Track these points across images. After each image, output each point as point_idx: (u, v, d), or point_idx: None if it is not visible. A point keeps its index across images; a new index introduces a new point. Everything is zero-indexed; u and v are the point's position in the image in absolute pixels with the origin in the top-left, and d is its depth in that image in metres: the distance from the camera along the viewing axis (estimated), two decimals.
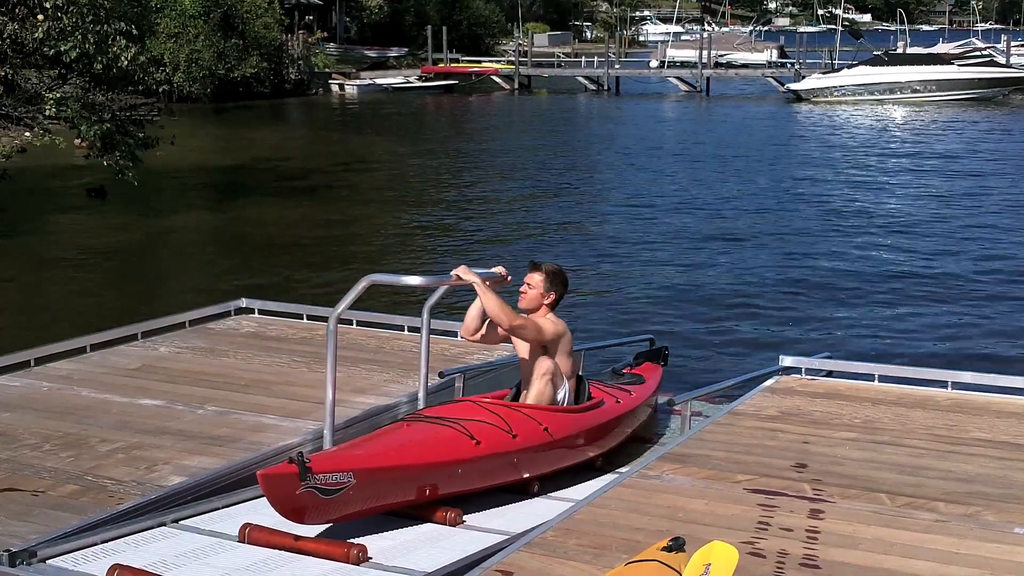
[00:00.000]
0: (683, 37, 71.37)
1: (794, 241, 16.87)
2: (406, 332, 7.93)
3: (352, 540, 4.76)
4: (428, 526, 5.11)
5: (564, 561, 4.34)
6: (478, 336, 6.01)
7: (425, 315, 6.28)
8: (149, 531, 4.84)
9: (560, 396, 5.88)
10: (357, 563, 4.59)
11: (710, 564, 3.79)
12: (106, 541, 4.68)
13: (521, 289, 5.99)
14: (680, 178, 24.15)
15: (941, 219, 18.96)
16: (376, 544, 4.79)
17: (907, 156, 28.60)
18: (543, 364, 5.81)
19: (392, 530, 5.01)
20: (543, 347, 5.87)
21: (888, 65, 45.56)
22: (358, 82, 50.70)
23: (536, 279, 5.96)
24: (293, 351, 7.49)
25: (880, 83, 44.77)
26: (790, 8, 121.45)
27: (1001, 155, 28.50)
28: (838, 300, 13.21)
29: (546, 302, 5.94)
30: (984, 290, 13.75)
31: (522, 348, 5.99)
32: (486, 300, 5.74)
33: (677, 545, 4.00)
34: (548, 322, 5.88)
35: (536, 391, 5.81)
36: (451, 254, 15.65)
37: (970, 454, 5.62)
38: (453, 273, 5.83)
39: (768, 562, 4.32)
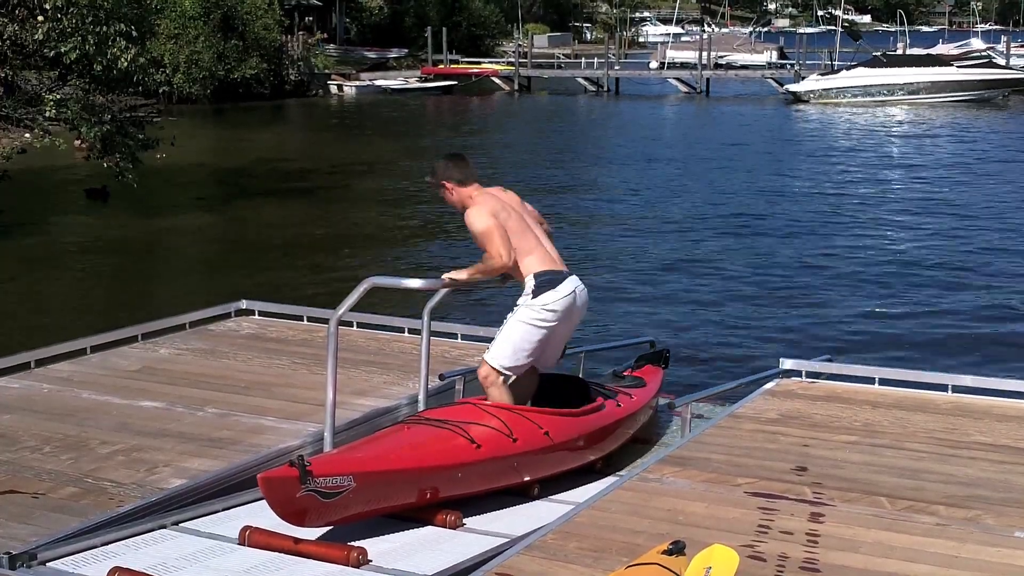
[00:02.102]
0: (683, 38, 71.37)
1: (794, 243, 16.87)
2: (406, 334, 7.93)
3: (352, 543, 4.76)
4: (428, 529, 5.11)
5: (564, 564, 4.34)
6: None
7: (426, 317, 6.29)
8: (149, 533, 4.84)
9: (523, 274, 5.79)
10: (357, 566, 4.59)
11: (710, 567, 3.80)
12: (106, 543, 4.68)
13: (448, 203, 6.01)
14: (680, 179, 24.15)
15: (941, 221, 18.96)
16: (376, 547, 4.79)
17: (907, 157, 28.61)
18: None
19: (392, 533, 5.01)
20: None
21: (887, 66, 45.55)
22: (357, 83, 50.68)
23: (440, 190, 5.97)
24: (293, 353, 7.49)
25: (879, 84, 44.76)
26: (790, 9, 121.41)
27: (1002, 156, 28.49)
28: (838, 302, 13.21)
29: (461, 189, 5.91)
30: (985, 292, 13.74)
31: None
32: (476, 276, 5.80)
33: (677, 548, 4.01)
34: (473, 214, 5.78)
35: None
36: (452, 255, 15.64)
37: (971, 458, 5.62)
38: (445, 277, 5.84)
39: (768, 565, 4.32)
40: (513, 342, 5.80)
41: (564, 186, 23.19)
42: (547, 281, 5.79)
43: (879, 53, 48.58)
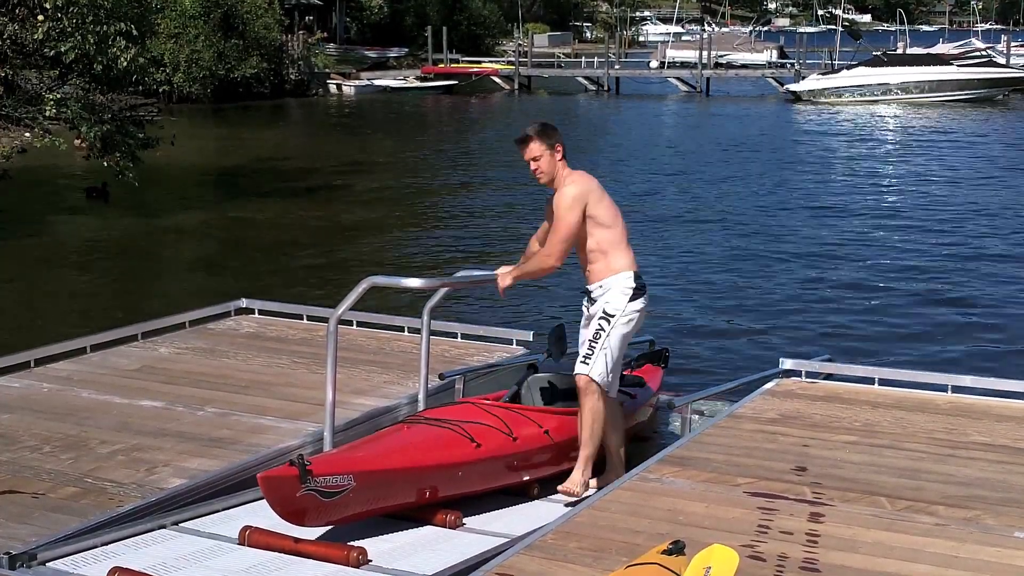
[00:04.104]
0: (683, 37, 71.34)
1: (794, 243, 16.86)
2: (406, 333, 7.93)
3: (352, 543, 4.76)
4: (428, 529, 5.12)
5: (564, 564, 4.35)
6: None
7: (425, 316, 6.28)
8: (149, 533, 4.85)
9: (618, 266, 5.57)
10: (357, 566, 4.60)
11: (710, 567, 3.80)
12: (106, 544, 4.69)
13: (533, 168, 5.69)
14: (679, 179, 24.15)
15: (942, 220, 18.95)
16: (376, 546, 4.80)
17: (907, 157, 28.60)
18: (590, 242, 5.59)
19: (392, 532, 5.02)
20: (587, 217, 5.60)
21: (888, 65, 45.53)
22: (356, 82, 50.62)
23: (535, 147, 5.64)
24: (293, 352, 7.49)
25: (880, 84, 44.75)
26: (790, 8, 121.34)
27: (1002, 156, 28.49)
28: (838, 303, 13.20)
29: (559, 159, 5.66)
30: (984, 293, 13.74)
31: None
32: (530, 273, 5.71)
33: (677, 548, 4.01)
34: (567, 196, 5.55)
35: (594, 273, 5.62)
36: (451, 255, 15.64)
37: (970, 458, 5.62)
38: (500, 286, 5.71)
39: (768, 565, 4.32)
40: (615, 355, 5.60)
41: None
42: (642, 285, 5.63)
43: (879, 52, 48.57)
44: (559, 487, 5.51)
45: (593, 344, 5.53)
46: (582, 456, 5.54)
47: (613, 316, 5.55)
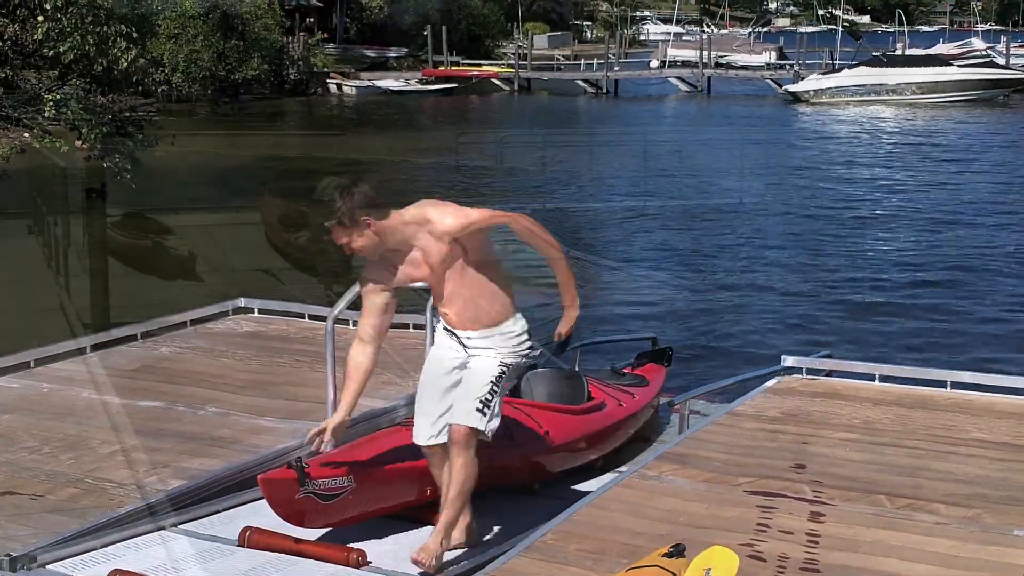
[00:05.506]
0: (683, 38, 71.25)
1: (793, 241, 16.87)
2: (406, 332, 7.91)
3: (352, 544, 4.76)
4: (428, 529, 5.09)
5: (564, 566, 4.33)
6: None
7: (427, 315, 6.27)
8: (149, 535, 4.83)
9: (504, 316, 4.69)
10: (357, 567, 4.59)
11: (710, 569, 3.79)
12: (106, 545, 4.67)
13: (348, 252, 4.73)
14: (679, 178, 24.14)
15: (941, 219, 18.95)
16: (376, 547, 4.79)
17: (906, 157, 28.59)
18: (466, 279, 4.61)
19: (392, 534, 5.01)
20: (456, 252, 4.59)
21: (887, 66, 45.53)
22: (356, 83, 50.55)
23: (339, 234, 4.59)
24: (293, 351, 7.47)
25: (879, 84, 44.73)
26: (790, 8, 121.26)
27: (1000, 156, 28.48)
28: (838, 300, 13.21)
29: (372, 226, 4.56)
30: (984, 290, 13.75)
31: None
32: (567, 284, 4.80)
33: (677, 551, 4.01)
34: (445, 209, 4.55)
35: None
36: None
37: (970, 455, 5.61)
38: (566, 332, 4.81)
39: (768, 565, 4.31)
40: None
41: (563, 184, 23.18)
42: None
43: (879, 53, 48.56)
44: (411, 554, 4.58)
45: (494, 390, 4.65)
46: (443, 522, 4.63)
47: (510, 366, 4.76)
